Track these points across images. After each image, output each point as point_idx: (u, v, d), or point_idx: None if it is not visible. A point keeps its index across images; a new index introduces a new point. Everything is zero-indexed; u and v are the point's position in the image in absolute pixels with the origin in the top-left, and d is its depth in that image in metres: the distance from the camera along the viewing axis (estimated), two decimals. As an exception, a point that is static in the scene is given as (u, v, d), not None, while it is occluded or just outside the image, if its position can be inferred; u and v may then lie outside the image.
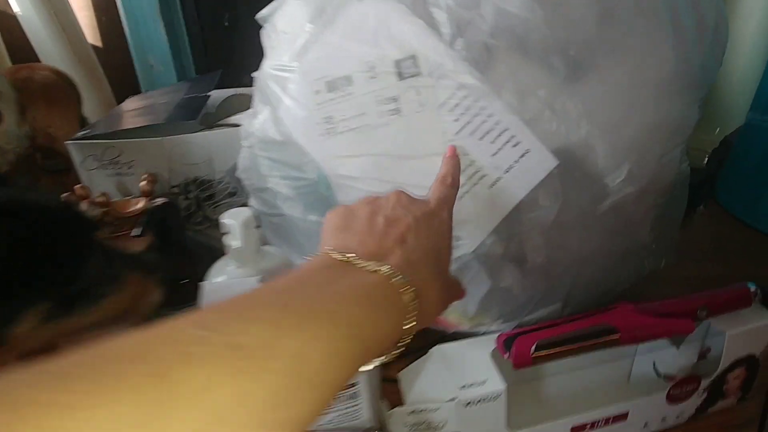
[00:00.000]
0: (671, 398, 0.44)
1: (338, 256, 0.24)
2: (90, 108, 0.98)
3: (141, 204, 0.57)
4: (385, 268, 0.24)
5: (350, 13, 0.38)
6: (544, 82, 0.36)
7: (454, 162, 0.33)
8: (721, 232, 0.65)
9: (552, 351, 0.39)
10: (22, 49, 0.92)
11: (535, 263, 0.39)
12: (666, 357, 0.46)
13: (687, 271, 0.55)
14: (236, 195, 0.64)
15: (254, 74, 0.45)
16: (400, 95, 0.36)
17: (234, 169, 0.50)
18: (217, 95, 0.74)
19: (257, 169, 0.45)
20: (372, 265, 0.24)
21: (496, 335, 0.38)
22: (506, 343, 0.38)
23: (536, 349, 0.39)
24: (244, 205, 0.46)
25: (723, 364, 0.43)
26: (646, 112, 0.38)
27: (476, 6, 0.36)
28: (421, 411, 0.37)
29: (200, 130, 0.61)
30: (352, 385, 0.36)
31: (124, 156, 0.60)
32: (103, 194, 0.53)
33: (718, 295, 0.44)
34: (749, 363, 0.43)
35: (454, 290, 0.30)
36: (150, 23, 0.85)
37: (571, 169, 0.37)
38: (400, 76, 0.36)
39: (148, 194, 0.57)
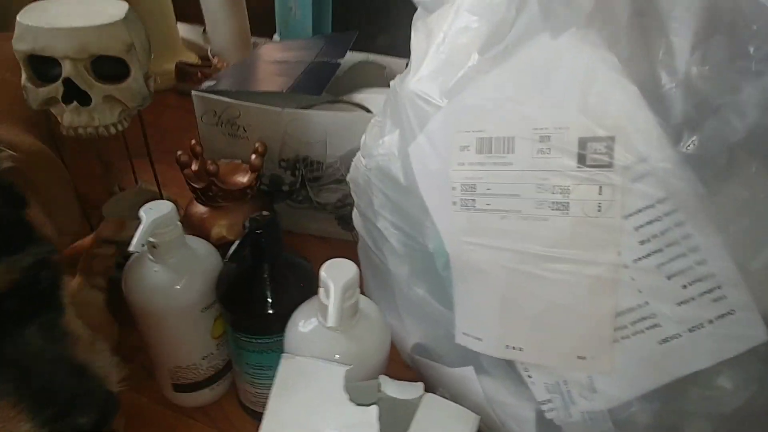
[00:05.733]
0: None
1: None
2: (228, 39, 0.97)
3: (247, 178, 0.54)
4: None
5: (534, 51, 0.28)
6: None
7: None
8: None
9: None
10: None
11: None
12: None
13: None
14: (343, 183, 0.59)
15: (391, 82, 0.37)
16: (574, 187, 0.27)
17: (348, 157, 0.43)
18: (347, 59, 0.68)
19: (369, 196, 0.38)
20: None
21: None
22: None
23: None
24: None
25: None
26: None
27: (735, 90, 0.24)
28: None
29: (322, 105, 0.55)
30: None
31: (242, 119, 0.57)
32: (214, 162, 0.50)
33: None
34: None
35: None
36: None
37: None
38: (583, 161, 0.26)
39: (257, 169, 0.53)
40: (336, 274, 0.30)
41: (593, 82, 0.26)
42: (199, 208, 0.53)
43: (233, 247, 0.34)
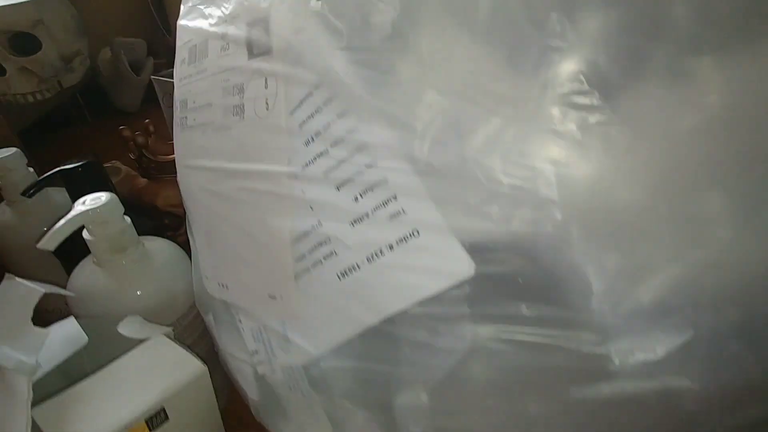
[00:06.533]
0: None
1: None
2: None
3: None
4: None
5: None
6: (508, 91, 0.16)
7: None
8: None
9: None
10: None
11: None
12: None
13: None
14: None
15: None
16: (247, 84, 0.22)
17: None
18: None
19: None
20: None
21: None
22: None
23: None
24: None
25: None
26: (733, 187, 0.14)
27: None
28: None
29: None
30: None
31: (189, 97, 0.59)
32: (144, 134, 0.53)
33: None
34: None
35: None
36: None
37: (517, 293, 0.17)
38: (251, 50, 0.21)
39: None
40: (89, 203, 0.29)
41: (259, -49, 0.21)
42: (141, 180, 0.57)
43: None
